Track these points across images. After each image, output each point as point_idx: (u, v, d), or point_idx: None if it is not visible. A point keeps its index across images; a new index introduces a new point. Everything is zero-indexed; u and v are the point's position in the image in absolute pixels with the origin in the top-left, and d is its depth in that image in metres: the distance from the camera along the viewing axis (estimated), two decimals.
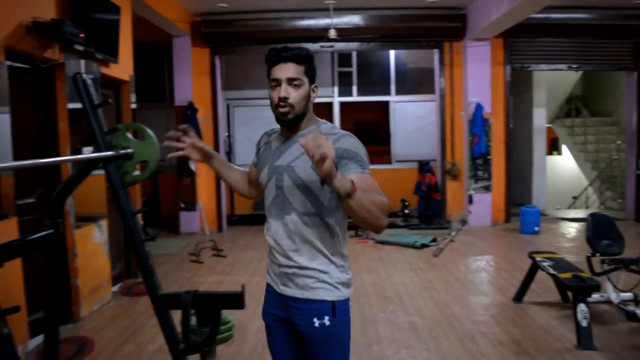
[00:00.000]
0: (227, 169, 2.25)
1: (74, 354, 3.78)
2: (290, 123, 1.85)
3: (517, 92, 9.74)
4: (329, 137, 1.78)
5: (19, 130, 3.82)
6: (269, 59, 1.84)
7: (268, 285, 2.01)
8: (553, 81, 10.86)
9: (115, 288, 5.34)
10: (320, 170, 1.45)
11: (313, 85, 1.88)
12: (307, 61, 1.84)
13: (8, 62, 3.61)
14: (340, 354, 1.88)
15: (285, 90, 1.80)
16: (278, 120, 1.86)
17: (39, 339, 3.79)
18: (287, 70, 1.80)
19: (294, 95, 1.81)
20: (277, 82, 1.81)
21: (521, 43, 8.43)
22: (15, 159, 3.62)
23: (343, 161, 1.74)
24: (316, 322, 1.82)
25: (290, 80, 1.80)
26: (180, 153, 2.14)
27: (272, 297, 1.97)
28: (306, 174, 1.80)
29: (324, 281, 1.84)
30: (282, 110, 1.81)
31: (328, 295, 1.84)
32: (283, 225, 1.86)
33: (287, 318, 1.91)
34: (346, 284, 1.89)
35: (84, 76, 2.57)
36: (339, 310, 1.85)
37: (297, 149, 1.82)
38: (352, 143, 1.80)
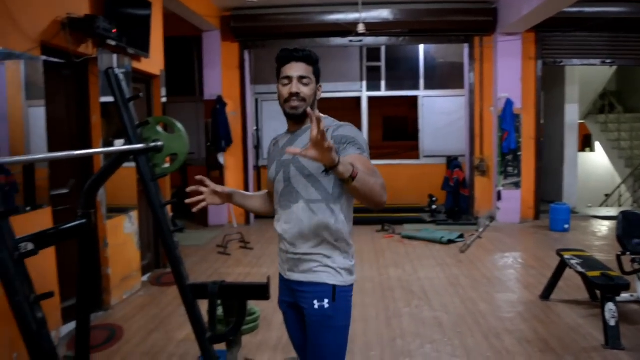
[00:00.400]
0: (248, 199, 2.32)
1: (104, 341, 3.89)
2: (300, 117, 1.98)
3: (549, 87, 9.58)
4: (330, 128, 1.94)
5: (54, 123, 3.93)
6: (281, 58, 2.00)
7: (280, 274, 2.12)
8: (586, 76, 10.65)
9: (145, 278, 5.47)
10: (323, 162, 1.60)
11: (318, 85, 2.03)
12: (315, 63, 2.00)
13: (43, 57, 3.71)
14: (337, 338, 1.96)
15: (296, 87, 1.94)
16: (288, 114, 2.00)
17: (71, 325, 3.91)
18: (298, 69, 1.96)
19: (304, 90, 1.96)
20: (289, 80, 1.96)
21: (553, 37, 8.28)
22: (50, 151, 3.73)
23: (342, 146, 1.88)
24: (316, 304, 1.92)
25: (301, 78, 1.96)
26: (203, 204, 2.22)
27: (283, 284, 2.10)
28: (310, 163, 1.89)
29: (327, 265, 1.94)
30: (293, 104, 1.95)
31: (330, 279, 1.94)
32: (291, 214, 1.97)
33: (295, 303, 2.03)
34: (349, 271, 1.98)
35: (116, 71, 2.64)
36: (339, 295, 1.94)
37: (302, 143, 1.96)
38: (351, 130, 1.95)
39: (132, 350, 3.76)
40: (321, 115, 1.97)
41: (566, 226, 7.62)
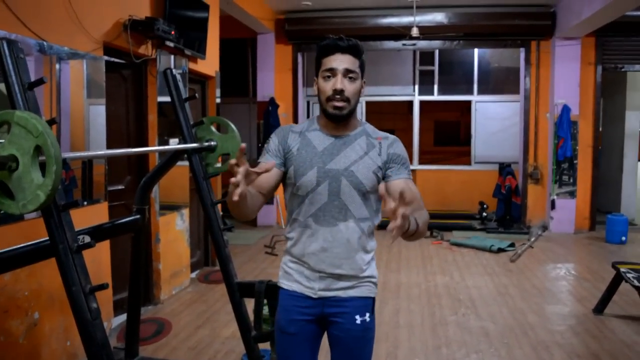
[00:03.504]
0: (254, 198, 1.69)
1: (152, 334, 4.00)
2: (343, 118, 1.76)
3: (609, 93, 9.25)
4: (381, 141, 1.81)
5: (112, 121, 4.07)
6: (324, 48, 1.74)
7: (291, 292, 1.86)
8: None
9: (194, 275, 5.59)
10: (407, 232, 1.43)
11: (363, 81, 1.79)
12: (361, 55, 1.76)
13: (106, 57, 3.85)
14: (372, 348, 1.90)
15: (341, 82, 1.70)
16: (329, 115, 1.75)
17: (122, 317, 4.03)
18: (344, 61, 1.71)
19: (349, 88, 1.72)
20: (333, 73, 1.71)
21: (615, 42, 7.99)
22: (108, 148, 3.87)
23: (395, 166, 1.79)
24: (358, 319, 1.81)
25: (347, 72, 1.71)
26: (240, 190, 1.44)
27: (299, 302, 1.84)
28: (368, 179, 1.76)
29: (368, 281, 1.85)
30: (337, 104, 1.71)
31: (371, 292, 1.85)
32: (336, 233, 1.77)
33: (322, 318, 1.84)
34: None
35: (174, 71, 2.71)
36: (375, 306, 1.88)
37: (353, 152, 1.78)
38: (402, 149, 1.84)
39: (179, 344, 3.85)
40: (367, 130, 1.83)
41: (623, 238, 7.33)
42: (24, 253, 1.97)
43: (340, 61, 1.71)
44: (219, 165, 2.94)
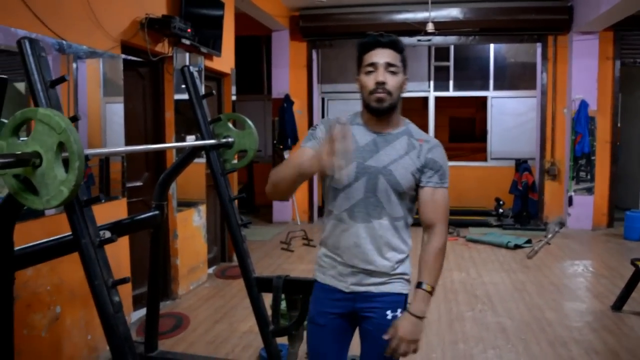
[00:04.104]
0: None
1: (171, 328, 4.04)
2: (384, 111, 1.75)
3: (627, 89, 9.13)
4: (422, 143, 1.80)
5: (130, 118, 4.11)
6: (364, 44, 1.77)
7: (324, 286, 1.90)
8: None
9: (211, 270, 5.63)
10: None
11: (405, 77, 1.80)
12: (403, 50, 1.78)
13: (123, 55, 3.89)
14: None
15: (383, 75, 1.71)
16: (371, 108, 1.76)
17: (141, 312, 4.09)
18: (385, 55, 1.73)
19: (391, 82, 1.73)
20: (374, 67, 1.73)
21: (634, 36, 7.87)
22: (126, 145, 3.92)
23: (429, 172, 1.79)
24: (389, 315, 1.81)
25: (388, 65, 1.72)
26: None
27: (331, 295, 1.87)
28: (406, 180, 1.76)
29: (401, 277, 1.85)
30: (379, 95, 1.72)
31: (404, 289, 1.86)
32: (369, 229, 1.78)
33: (353, 313, 1.86)
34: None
35: (192, 68, 2.74)
36: (407, 302, 1.87)
37: (393, 150, 1.78)
38: (441, 156, 1.83)
39: (197, 339, 3.89)
40: (410, 130, 1.84)
41: None
42: (47, 248, 2.01)
43: (381, 55, 1.73)
44: (236, 161, 2.96)
